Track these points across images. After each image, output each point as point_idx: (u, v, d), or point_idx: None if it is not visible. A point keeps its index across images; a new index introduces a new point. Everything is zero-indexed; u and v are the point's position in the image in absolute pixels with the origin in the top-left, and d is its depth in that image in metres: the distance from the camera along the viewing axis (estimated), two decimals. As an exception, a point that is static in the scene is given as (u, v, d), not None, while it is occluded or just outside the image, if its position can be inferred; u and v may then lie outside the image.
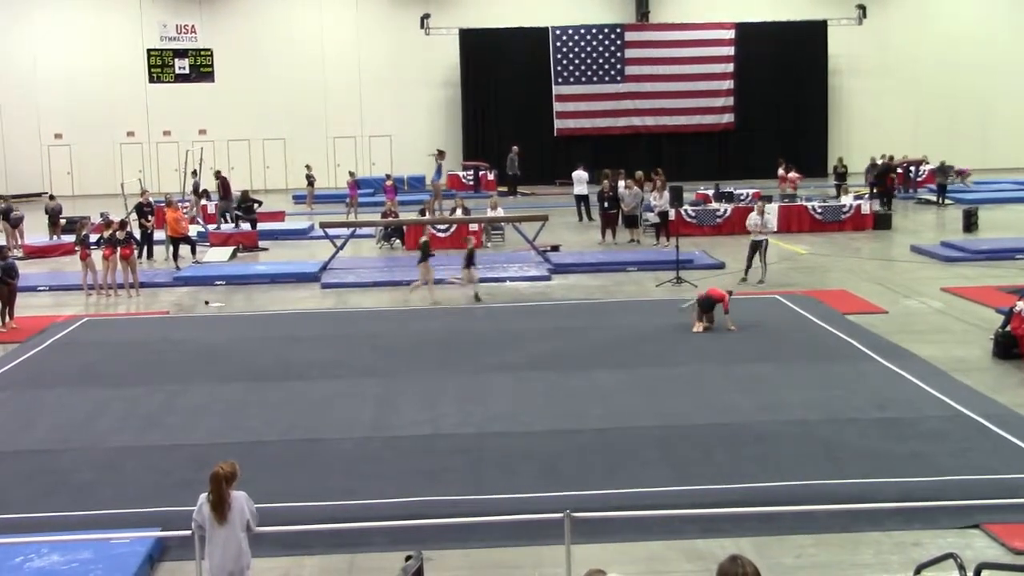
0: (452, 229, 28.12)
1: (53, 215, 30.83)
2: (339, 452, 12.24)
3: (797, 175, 33.94)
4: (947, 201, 34.28)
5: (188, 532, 8.16)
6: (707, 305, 17.62)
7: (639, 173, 29.40)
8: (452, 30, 43.82)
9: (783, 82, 43.73)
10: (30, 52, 44.05)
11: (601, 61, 43.86)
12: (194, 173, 32.55)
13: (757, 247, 21.90)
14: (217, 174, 32.82)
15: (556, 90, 43.92)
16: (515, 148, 40.71)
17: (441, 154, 36.24)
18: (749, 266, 22.03)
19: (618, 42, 43.83)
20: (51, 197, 32.83)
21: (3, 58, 44.08)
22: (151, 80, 44.60)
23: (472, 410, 13.67)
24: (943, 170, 35.21)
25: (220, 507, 7.82)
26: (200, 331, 19.02)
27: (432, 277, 21.29)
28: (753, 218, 22.09)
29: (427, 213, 30.06)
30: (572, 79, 43.92)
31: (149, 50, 44.51)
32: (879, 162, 34.28)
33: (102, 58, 44.14)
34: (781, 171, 34.65)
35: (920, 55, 44.89)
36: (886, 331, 17.32)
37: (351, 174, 36.27)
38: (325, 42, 44.88)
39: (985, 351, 15.95)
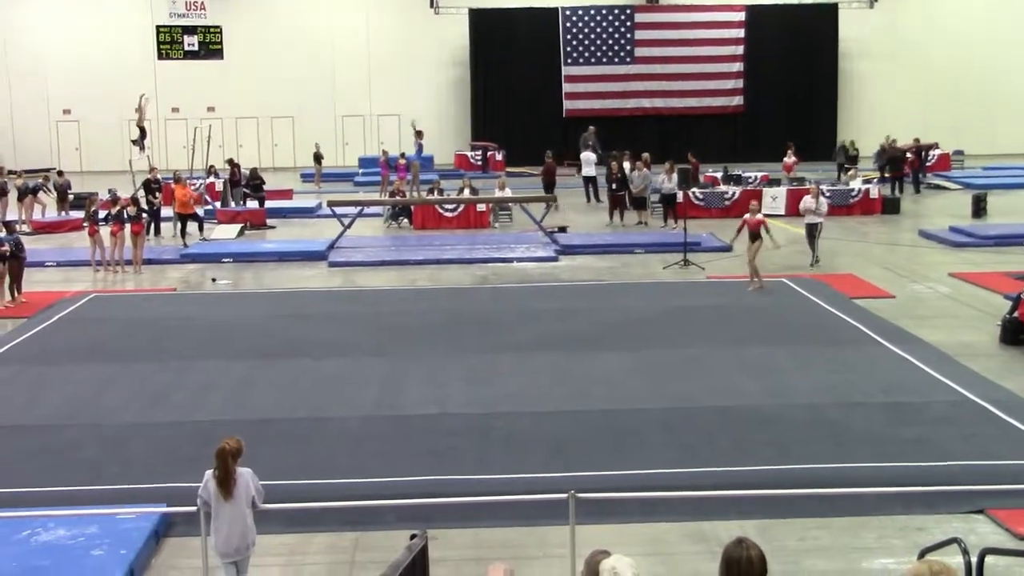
0: (460, 209, 28.10)
1: (61, 191, 30.84)
2: (345, 430, 12.27)
3: (793, 160, 33.69)
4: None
5: (194, 508, 8.18)
6: (754, 235, 19.27)
7: (645, 155, 29.27)
8: (462, 10, 43.69)
9: (793, 65, 43.58)
10: (39, 27, 44.00)
11: (611, 42, 43.74)
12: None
13: (812, 230, 21.94)
14: (230, 161, 32.51)
15: (565, 71, 43.80)
16: (591, 128, 40.11)
17: (419, 134, 35.81)
18: (813, 249, 22.03)
19: (628, 23, 43.68)
20: (60, 173, 32.81)
21: (12, 33, 44.05)
22: (160, 57, 44.59)
23: (478, 390, 13.69)
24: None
25: (226, 483, 7.84)
26: (207, 308, 19.06)
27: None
28: (807, 201, 22.08)
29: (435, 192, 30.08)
30: (581, 60, 43.80)
31: (158, 26, 44.49)
32: (887, 147, 34.11)
33: (111, 34, 44.07)
34: (790, 158, 34.38)
35: (930, 39, 44.65)
36: (893, 316, 17.29)
37: (384, 152, 36.09)
38: (334, 20, 44.77)
39: (992, 337, 15.92)
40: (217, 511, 7.92)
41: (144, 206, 24.68)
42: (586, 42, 43.71)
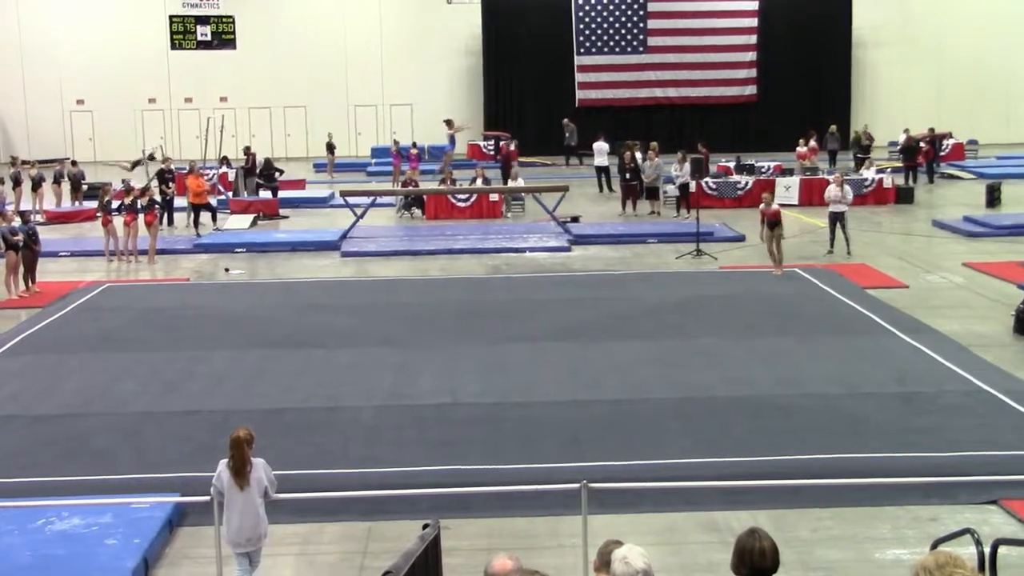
0: (473, 199, 28.09)
1: (75, 181, 30.91)
2: (358, 420, 12.29)
3: (806, 148, 33.46)
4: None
5: (207, 498, 8.20)
6: (772, 224, 19.79)
7: (654, 144, 29.11)
8: (474, -1, 43.64)
9: (806, 54, 43.31)
10: (53, 17, 44.05)
11: (623, 31, 43.58)
12: (152, 157, 32.78)
13: (836, 219, 21.94)
14: (246, 149, 32.75)
15: (578, 60, 43.66)
16: (565, 120, 40.16)
17: (449, 123, 36.24)
18: (833, 238, 21.97)
19: (640, 12, 43.50)
20: (73, 163, 32.88)
21: (26, 24, 44.10)
22: (172, 47, 44.56)
23: (491, 380, 13.70)
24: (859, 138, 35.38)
25: (242, 472, 7.85)
26: (220, 298, 19.10)
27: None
28: (832, 190, 22.05)
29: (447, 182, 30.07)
30: (594, 49, 43.65)
31: (171, 16, 44.43)
32: (901, 136, 33.93)
33: (124, 24, 44.10)
34: (801, 147, 34.13)
35: (944, 28, 44.33)
36: (907, 306, 17.24)
37: (396, 142, 36.16)
38: (347, 10, 44.70)
39: (1006, 327, 15.85)
40: (230, 501, 7.94)
41: (157, 196, 24.75)
42: (599, 31, 43.56)
